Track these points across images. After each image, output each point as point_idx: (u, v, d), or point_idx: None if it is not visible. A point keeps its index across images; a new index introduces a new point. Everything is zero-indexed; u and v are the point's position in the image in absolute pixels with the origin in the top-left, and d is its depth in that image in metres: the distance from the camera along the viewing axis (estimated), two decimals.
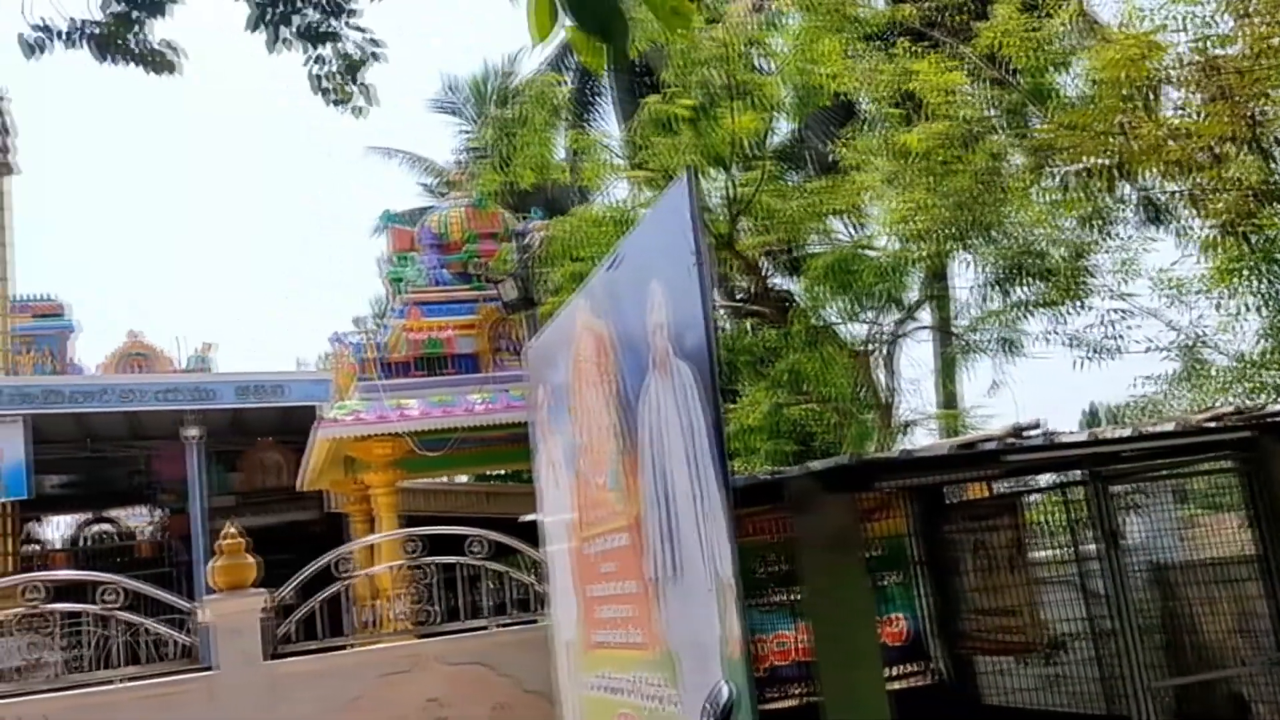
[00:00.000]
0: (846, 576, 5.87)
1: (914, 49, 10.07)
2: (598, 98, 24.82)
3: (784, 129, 15.27)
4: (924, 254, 10.46)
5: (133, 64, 5.59)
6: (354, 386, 14.46)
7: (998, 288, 10.54)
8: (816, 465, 5.69)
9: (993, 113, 10.48)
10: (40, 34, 5.48)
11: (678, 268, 4.69)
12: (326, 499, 19.87)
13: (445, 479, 19.77)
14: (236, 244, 75.44)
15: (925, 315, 13.83)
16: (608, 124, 24.03)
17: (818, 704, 6.29)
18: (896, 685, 7.79)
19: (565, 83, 15.30)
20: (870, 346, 12.48)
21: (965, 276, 12.39)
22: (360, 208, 72.60)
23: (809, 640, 6.32)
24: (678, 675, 4.96)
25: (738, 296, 14.40)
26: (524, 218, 16.14)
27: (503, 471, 21.56)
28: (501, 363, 14.84)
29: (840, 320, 12.72)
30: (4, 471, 20.34)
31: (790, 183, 14.02)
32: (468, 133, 25.95)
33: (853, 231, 13.68)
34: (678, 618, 4.97)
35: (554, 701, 7.63)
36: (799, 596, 6.73)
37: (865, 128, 12.48)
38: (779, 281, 16.08)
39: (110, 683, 7.77)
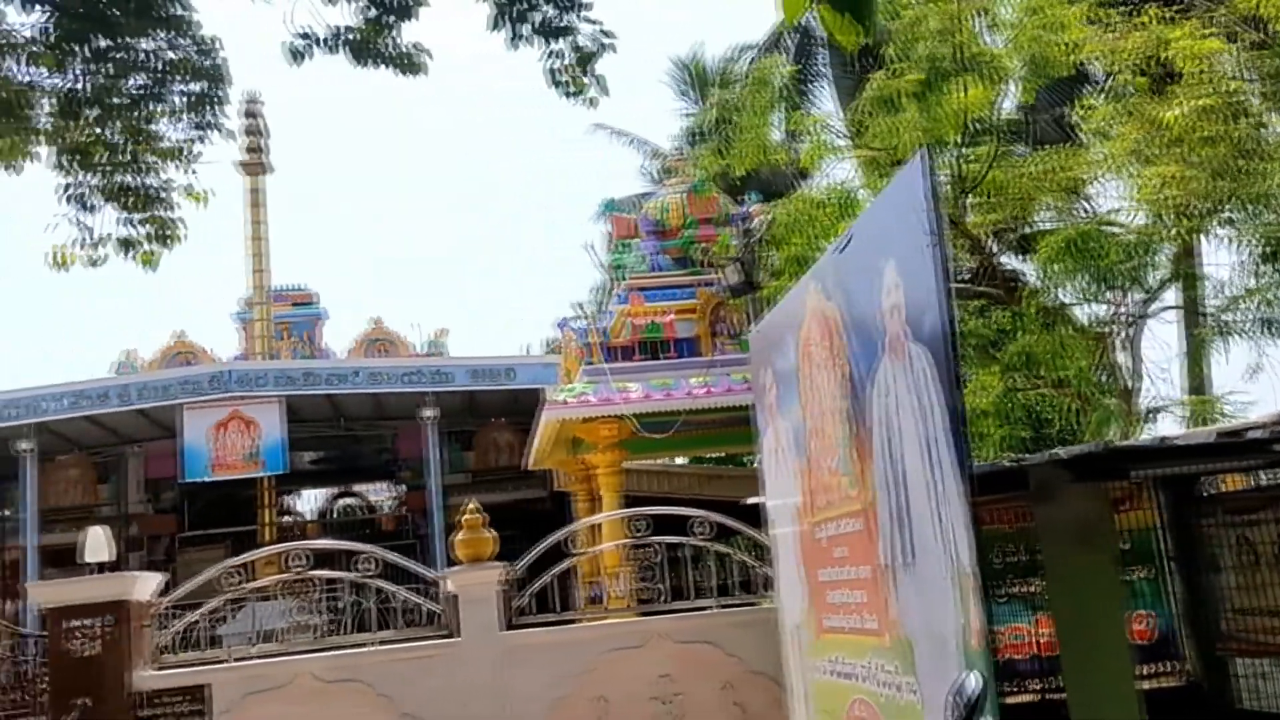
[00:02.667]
0: (1095, 570, 5.60)
1: (1165, 15, 9.40)
2: (815, 79, 24.51)
3: (1009, 103, 14.57)
4: (1176, 230, 9.77)
5: (385, 66, 5.96)
6: (579, 370, 14.90)
7: (1262, 264, 9.71)
8: (1063, 452, 5.44)
9: (1253, 78, 9.66)
10: (304, 41, 5.93)
11: (912, 249, 4.59)
12: (552, 478, 20.58)
13: (664, 461, 20.08)
14: (467, 231, 79.03)
15: (1171, 295, 12.95)
16: (824, 105, 23.70)
17: (1060, 701, 6.05)
18: (1144, 685, 7.39)
19: (784, 64, 15.14)
20: (1111, 328, 11.79)
21: (1219, 253, 11.50)
22: (587, 192, 74.59)
23: (1052, 634, 6.08)
24: (914, 663, 4.88)
25: (963, 277, 13.90)
26: (741, 201, 16.15)
27: (719, 455, 21.72)
28: (720, 347, 14.91)
29: (1076, 300, 12.08)
30: (265, 448, 22.21)
31: (1018, 157, 13.40)
32: (691, 115, 26.15)
33: (1091, 207, 12.94)
34: (913, 605, 4.89)
35: (780, 683, 7.66)
36: (1039, 588, 6.48)
37: (1105, 97, 11.77)
38: (1007, 261, 15.43)
39: (365, 645, 8.38)
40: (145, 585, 8.26)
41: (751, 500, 8.36)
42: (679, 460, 21.15)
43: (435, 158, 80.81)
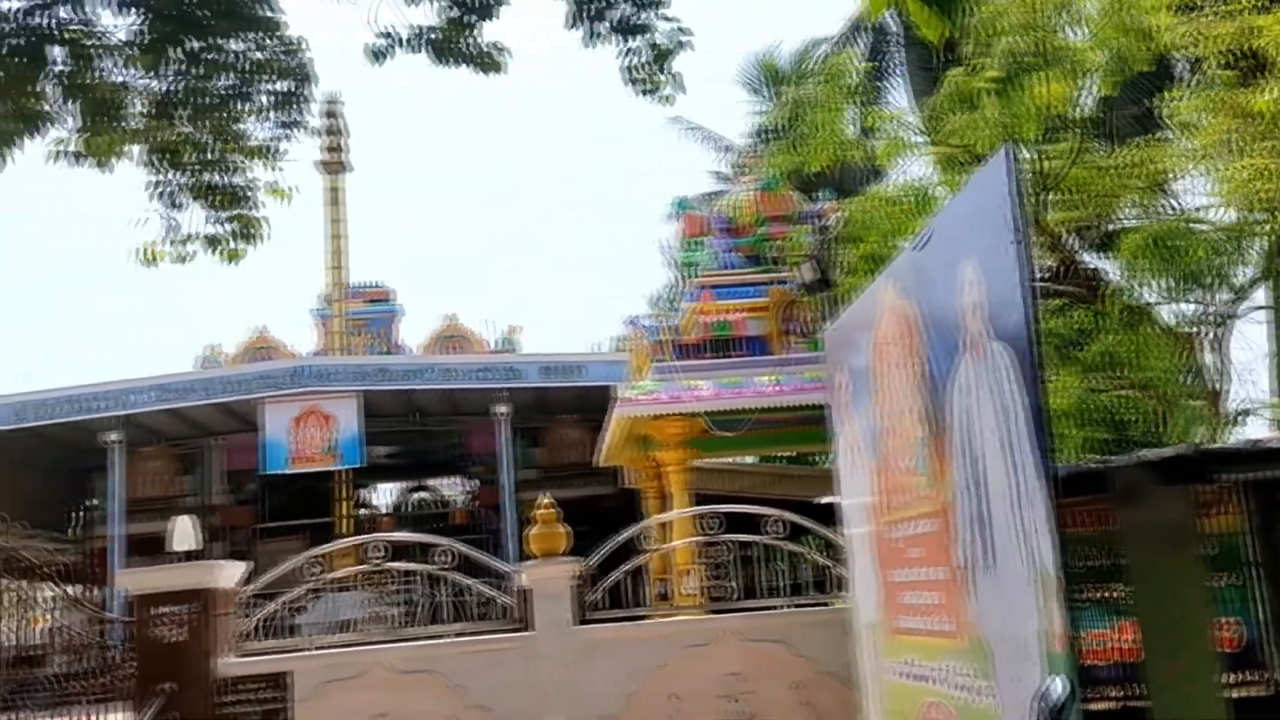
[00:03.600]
0: (1181, 575, 5.47)
1: (1257, 4, 9.13)
2: (889, 75, 24.26)
3: (1088, 99, 14.27)
4: (1267, 226, 9.48)
5: (465, 66, 6.03)
6: (648, 367, 14.93)
7: None
8: (1150, 454, 5.32)
9: None
10: (386, 41, 6.03)
11: (995, 246, 4.53)
12: (622, 475, 20.64)
13: (733, 459, 20.03)
14: (538, 227, 79.69)
15: (1261, 294, 12.56)
16: (898, 102, 23.43)
17: (1141, 709, 5.92)
18: (1229, 694, 7.18)
19: (858, 59, 15.00)
20: (1197, 328, 11.47)
21: None
22: (659, 189, 74.76)
23: (1135, 641, 5.95)
24: (991, 667, 4.82)
25: (1043, 275, 13.64)
26: (814, 199, 16.05)
27: (789, 454, 21.60)
28: (791, 345, 14.84)
29: (1161, 300, 11.79)
30: (342, 442, 22.65)
31: (1099, 153, 13.12)
32: (763, 112, 26.04)
33: (1177, 203, 12.62)
34: (991, 608, 4.83)
35: (852, 684, 7.60)
36: (1122, 593, 6.34)
37: (1191, 89, 11.45)
38: (1089, 259, 15.11)
39: (441, 637, 8.51)
40: (229, 574, 8.47)
41: (827, 499, 8.31)
42: (748, 459, 21.08)
43: (502, 154, 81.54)
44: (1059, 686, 3.04)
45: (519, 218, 77.63)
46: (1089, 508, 7.06)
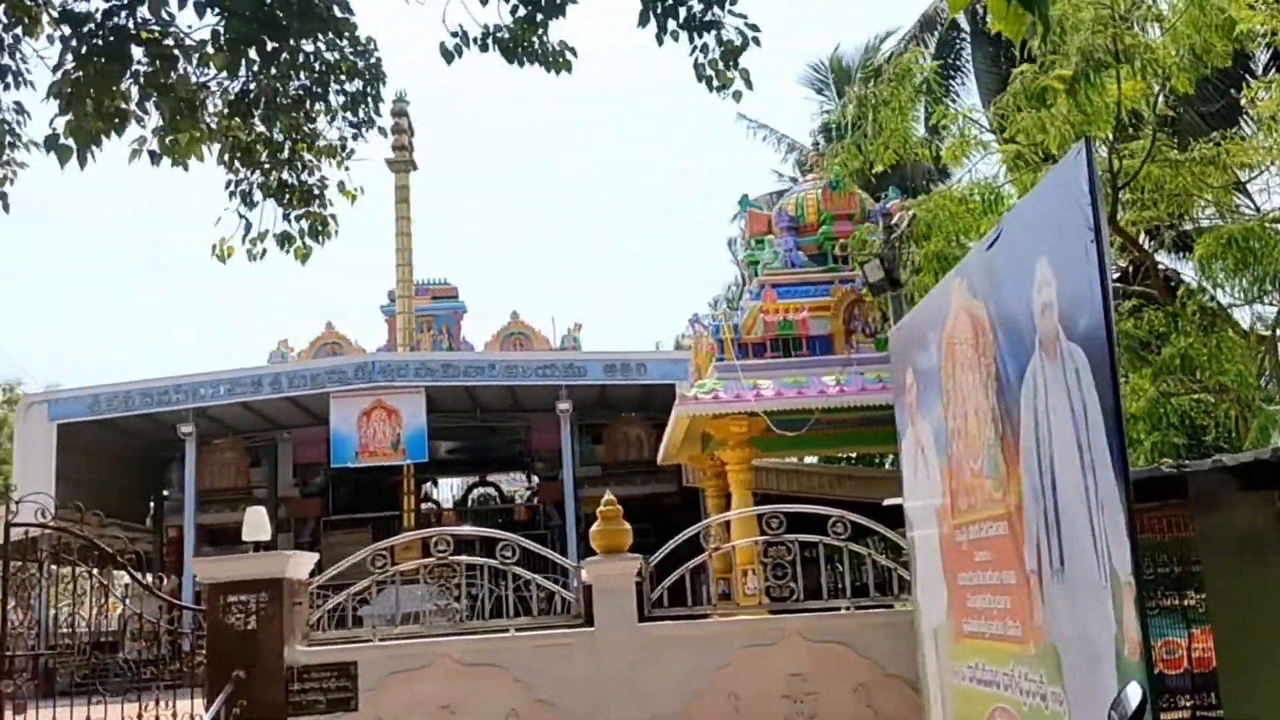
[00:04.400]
0: (1259, 582, 5.33)
1: None
2: (957, 73, 23.90)
3: (1161, 95, 13.93)
4: None
5: (535, 64, 6.08)
6: (710, 366, 14.90)
7: None
8: (1228, 459, 5.19)
9: None
10: (458, 41, 6.10)
11: (1070, 244, 4.45)
12: (683, 473, 20.65)
13: (795, 459, 19.93)
14: (603, 226, 79.94)
15: None
16: (967, 99, 23.08)
17: (1214, 719, 5.78)
18: None
19: (926, 57, 14.81)
20: (1276, 331, 11.17)
21: None
22: (713, 187, 74.76)
23: (1206, 649, 5.82)
24: (1061, 672, 4.73)
25: (1115, 276, 13.37)
26: (878, 197, 15.89)
27: (852, 455, 21.42)
28: (854, 344, 14.72)
29: (1239, 301, 11.50)
30: (407, 437, 22.95)
31: (1175, 151, 12.80)
32: (829, 111, 25.84)
33: (1253, 202, 12.29)
34: (1062, 613, 4.74)
35: (916, 687, 7.53)
36: (1196, 600, 6.20)
37: (1271, 83, 11.14)
38: (1163, 259, 14.78)
39: (505, 631, 8.57)
40: (300, 564, 8.61)
41: (893, 501, 8.23)
42: (810, 459, 20.95)
43: (552, 153, 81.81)
44: (1135, 694, 2.97)
45: (570, 216, 77.99)
46: (1163, 513, 6.90)
